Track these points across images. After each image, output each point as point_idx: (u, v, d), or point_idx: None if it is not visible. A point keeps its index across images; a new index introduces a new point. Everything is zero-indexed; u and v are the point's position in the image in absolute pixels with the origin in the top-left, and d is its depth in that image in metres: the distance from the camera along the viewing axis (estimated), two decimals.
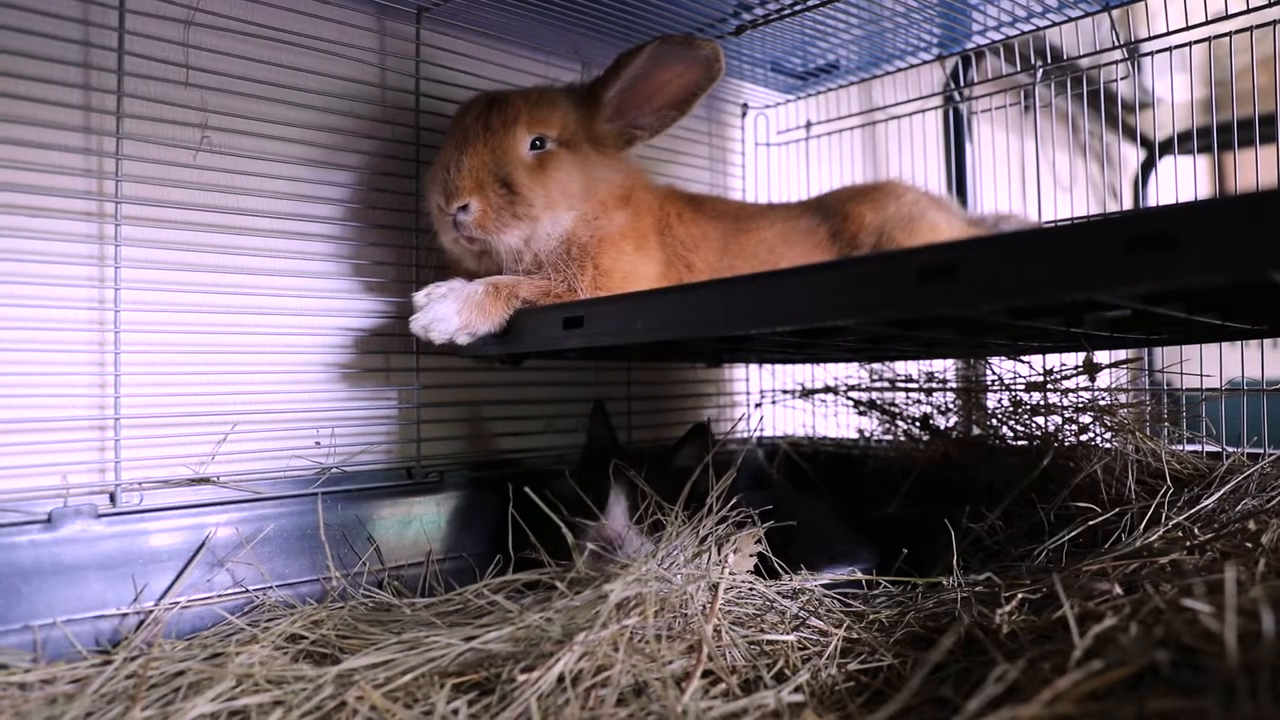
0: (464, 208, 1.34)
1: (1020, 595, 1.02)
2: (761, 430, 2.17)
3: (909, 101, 2.10)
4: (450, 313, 1.29)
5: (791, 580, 1.23)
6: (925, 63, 1.94)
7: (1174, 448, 1.47)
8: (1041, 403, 1.58)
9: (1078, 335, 1.11)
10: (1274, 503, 1.18)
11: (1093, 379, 1.48)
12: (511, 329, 1.33)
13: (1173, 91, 1.71)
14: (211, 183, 1.39)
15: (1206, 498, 1.23)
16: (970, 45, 1.87)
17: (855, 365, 1.96)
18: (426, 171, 1.47)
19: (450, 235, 1.39)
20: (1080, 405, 1.54)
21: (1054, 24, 1.72)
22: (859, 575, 1.30)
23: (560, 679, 0.87)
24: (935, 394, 1.81)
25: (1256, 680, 0.63)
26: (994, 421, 1.67)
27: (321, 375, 1.50)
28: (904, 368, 1.91)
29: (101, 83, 1.29)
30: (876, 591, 1.29)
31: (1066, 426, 1.55)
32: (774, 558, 1.26)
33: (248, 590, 1.32)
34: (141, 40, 1.32)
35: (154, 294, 1.33)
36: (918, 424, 1.80)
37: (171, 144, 1.35)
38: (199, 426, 1.37)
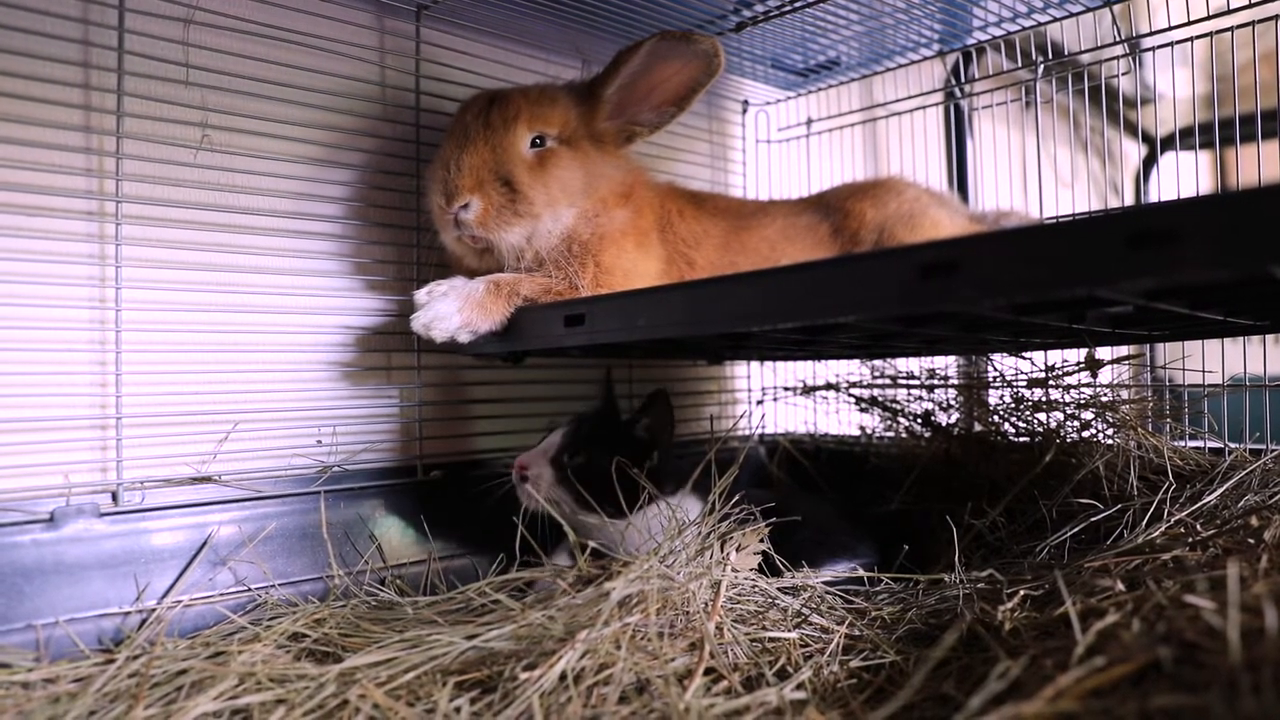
0: (465, 206, 1.34)
1: (1022, 592, 1.02)
2: (763, 427, 2.17)
3: (910, 98, 2.10)
4: (451, 311, 1.29)
5: (793, 577, 1.23)
6: (926, 59, 1.94)
7: (1176, 444, 1.48)
8: (1043, 399, 1.58)
9: (1079, 331, 1.11)
10: (1276, 499, 1.18)
11: (1094, 375, 1.48)
12: (513, 327, 1.33)
13: (1174, 87, 1.71)
14: (212, 181, 1.39)
15: (1209, 494, 1.23)
16: (971, 41, 1.86)
17: (856, 362, 1.96)
18: (427, 169, 1.47)
19: (451, 234, 1.39)
20: (1082, 401, 1.53)
21: (1055, 19, 1.71)
22: (860, 572, 1.30)
23: (562, 677, 0.87)
24: (937, 390, 1.81)
25: (1259, 677, 0.63)
26: (996, 418, 1.67)
27: (323, 374, 1.50)
28: (905, 364, 1.91)
29: (102, 82, 1.29)
30: (878, 588, 1.29)
31: (1068, 423, 1.54)
32: (775, 554, 1.26)
33: (250, 589, 1.32)
34: (141, 39, 1.32)
35: (155, 293, 1.33)
36: (919, 421, 1.80)
37: (172, 143, 1.35)
38: (201, 425, 1.37)
